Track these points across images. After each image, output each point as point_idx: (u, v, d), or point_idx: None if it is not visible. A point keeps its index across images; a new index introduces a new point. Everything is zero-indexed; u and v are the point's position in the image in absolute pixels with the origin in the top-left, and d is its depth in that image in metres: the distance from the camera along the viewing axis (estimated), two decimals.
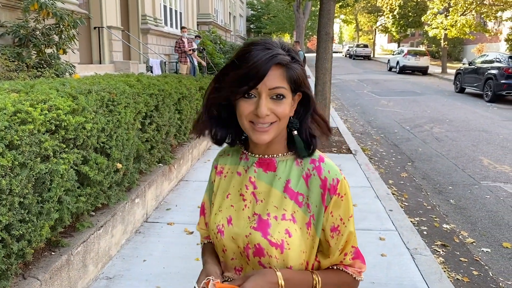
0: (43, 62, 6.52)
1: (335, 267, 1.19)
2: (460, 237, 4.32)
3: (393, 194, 5.34)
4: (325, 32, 7.88)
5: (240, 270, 1.19)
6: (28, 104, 2.15)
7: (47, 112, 2.25)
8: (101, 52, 10.97)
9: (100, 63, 10.96)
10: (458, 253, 3.97)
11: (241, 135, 1.23)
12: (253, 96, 1.07)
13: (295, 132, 1.16)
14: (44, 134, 2.21)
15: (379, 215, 4.42)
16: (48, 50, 6.78)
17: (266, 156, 1.19)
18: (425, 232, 4.36)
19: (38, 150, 2.15)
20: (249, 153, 1.22)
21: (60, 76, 6.33)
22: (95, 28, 10.77)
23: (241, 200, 1.19)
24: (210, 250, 1.29)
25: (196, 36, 14.27)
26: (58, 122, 2.34)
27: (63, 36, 6.75)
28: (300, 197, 1.13)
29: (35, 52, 6.60)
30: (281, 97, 1.07)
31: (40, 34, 6.58)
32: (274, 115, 1.07)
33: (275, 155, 1.19)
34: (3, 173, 1.90)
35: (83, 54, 10.23)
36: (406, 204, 5.17)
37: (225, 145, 1.26)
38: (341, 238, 1.14)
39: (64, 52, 6.82)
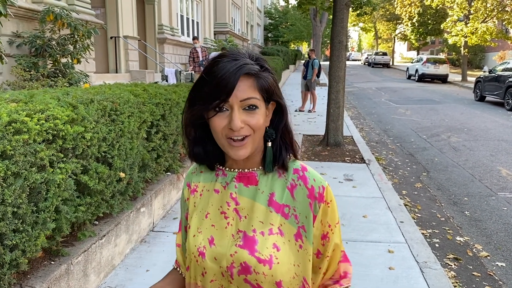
0: (58, 71, 6.63)
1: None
2: (474, 250, 4.17)
3: (406, 205, 5.21)
4: (338, 41, 7.82)
5: None
6: (24, 114, 2.15)
7: (44, 121, 2.25)
8: (117, 62, 11.14)
9: (117, 72, 11.12)
10: (471, 267, 3.83)
11: (218, 151, 1.16)
12: (225, 109, 1.03)
13: (269, 144, 1.12)
14: (40, 143, 2.21)
15: (389, 226, 4.31)
16: (63, 60, 6.90)
17: (246, 170, 1.15)
18: (437, 245, 4.24)
19: (33, 160, 2.15)
20: (226, 169, 1.18)
21: (74, 85, 6.43)
22: (111, 37, 10.94)
23: (223, 218, 1.14)
24: (170, 278, 1.29)
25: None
26: (55, 132, 2.35)
27: (77, 46, 6.86)
28: (286, 209, 1.10)
29: (51, 62, 6.72)
30: (254, 107, 1.03)
31: (55, 44, 6.71)
32: (249, 127, 1.04)
33: (255, 168, 1.15)
34: None
35: (100, 64, 10.39)
36: (419, 215, 5.04)
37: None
38: (330, 245, 1.15)
39: (78, 62, 6.93)
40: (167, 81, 11.24)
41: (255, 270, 1.05)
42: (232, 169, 1.16)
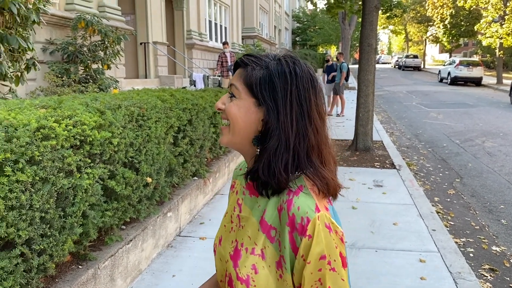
0: (89, 77, 6.77)
1: None
2: (511, 261, 3.99)
3: (438, 212, 5.04)
4: (367, 44, 7.69)
5: None
6: (52, 120, 2.18)
7: (72, 127, 2.28)
8: (146, 67, 11.30)
9: (146, 78, 11.28)
10: (508, 278, 3.66)
11: None
12: None
13: (257, 151, 1.01)
14: (67, 149, 2.23)
15: (420, 235, 4.17)
16: (94, 66, 7.05)
17: None
18: (471, 255, 4.07)
19: (61, 165, 2.17)
20: None
21: (104, 91, 6.55)
22: (141, 43, 11.12)
23: (230, 222, 1.13)
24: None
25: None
26: (83, 138, 2.37)
27: (107, 52, 6.99)
28: (272, 232, 0.98)
29: (82, 68, 6.88)
30: (231, 95, 1.04)
31: (86, 51, 6.86)
32: (225, 113, 1.04)
33: None
34: (23, 188, 1.92)
35: (130, 69, 10.57)
36: (452, 223, 4.86)
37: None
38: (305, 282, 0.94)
39: (108, 68, 7.06)
40: (195, 86, 11.33)
41: (235, 286, 1.00)
42: None
